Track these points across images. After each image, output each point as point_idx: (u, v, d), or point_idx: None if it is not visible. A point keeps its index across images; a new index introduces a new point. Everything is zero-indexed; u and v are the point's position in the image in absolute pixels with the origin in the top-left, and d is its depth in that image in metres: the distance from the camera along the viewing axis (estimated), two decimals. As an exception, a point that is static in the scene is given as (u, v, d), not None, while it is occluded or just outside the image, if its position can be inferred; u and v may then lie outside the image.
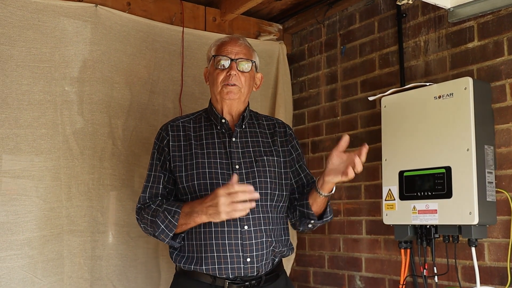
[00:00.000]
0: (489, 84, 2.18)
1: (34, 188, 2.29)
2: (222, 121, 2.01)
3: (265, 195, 1.94)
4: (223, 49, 2.00)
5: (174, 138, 2.01)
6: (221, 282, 1.90)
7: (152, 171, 2.01)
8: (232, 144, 1.99)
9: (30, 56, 2.33)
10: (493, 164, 2.12)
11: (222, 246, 1.87)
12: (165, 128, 2.05)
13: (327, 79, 3.01)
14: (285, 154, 2.08)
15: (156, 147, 2.04)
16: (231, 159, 1.96)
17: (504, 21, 2.17)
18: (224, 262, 1.87)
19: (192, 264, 1.91)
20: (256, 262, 1.89)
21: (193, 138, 2.01)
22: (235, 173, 1.85)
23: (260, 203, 1.91)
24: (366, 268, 2.67)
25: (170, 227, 1.85)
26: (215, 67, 2.00)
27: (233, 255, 1.87)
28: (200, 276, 1.92)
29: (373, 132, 2.66)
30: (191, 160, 1.96)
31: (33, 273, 2.24)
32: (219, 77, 1.98)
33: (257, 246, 1.89)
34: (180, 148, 1.99)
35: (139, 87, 2.65)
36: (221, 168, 1.94)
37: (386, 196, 2.33)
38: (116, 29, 2.58)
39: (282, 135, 2.11)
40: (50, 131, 2.35)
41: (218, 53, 2.01)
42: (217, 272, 1.88)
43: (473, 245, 2.08)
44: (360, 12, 2.84)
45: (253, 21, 3.13)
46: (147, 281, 2.58)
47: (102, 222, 2.47)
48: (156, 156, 2.02)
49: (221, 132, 2.01)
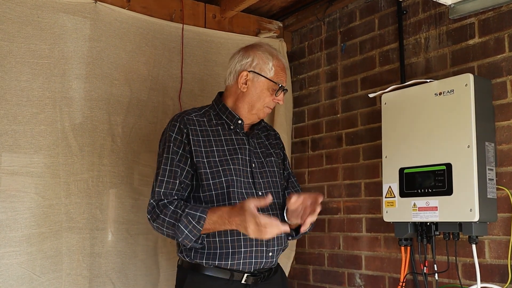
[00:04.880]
0: (490, 80, 2.17)
1: (33, 185, 2.28)
2: (239, 122, 2.04)
3: (275, 194, 2.05)
4: (281, 75, 2.04)
5: (193, 132, 1.96)
6: (239, 276, 1.93)
7: (167, 165, 1.92)
8: (250, 142, 2.06)
9: (29, 52, 2.32)
10: (493, 161, 2.11)
11: (249, 241, 1.92)
12: (181, 121, 1.97)
13: (327, 77, 3.00)
14: (278, 155, 2.19)
15: (172, 140, 1.95)
16: (249, 157, 2.02)
17: (505, 17, 2.16)
18: (250, 257, 1.92)
19: (216, 260, 1.90)
20: (275, 256, 2.00)
21: (211, 134, 1.99)
22: (260, 186, 1.98)
23: (275, 201, 2.01)
24: (366, 266, 2.66)
25: (195, 232, 1.83)
26: (268, 89, 2.02)
27: (258, 249, 1.93)
28: (218, 272, 1.91)
29: (373, 130, 2.65)
30: (213, 156, 1.95)
31: (32, 270, 2.23)
32: (267, 99, 2.03)
33: (278, 241, 1.99)
34: (200, 144, 1.95)
35: (138, 84, 2.64)
36: (242, 165, 1.99)
37: (386, 193, 2.32)
38: (115, 25, 2.57)
39: (273, 138, 2.23)
40: (49, 128, 2.34)
41: (277, 78, 2.03)
42: (241, 266, 1.92)
43: (474, 242, 2.07)
44: (360, 9, 2.83)
45: (253, 19, 3.12)
46: (146, 279, 2.57)
47: (101, 219, 2.46)
48: (172, 149, 1.94)
49: (235, 131, 2.04)
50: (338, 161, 2.87)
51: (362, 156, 2.74)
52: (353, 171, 2.78)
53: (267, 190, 2.01)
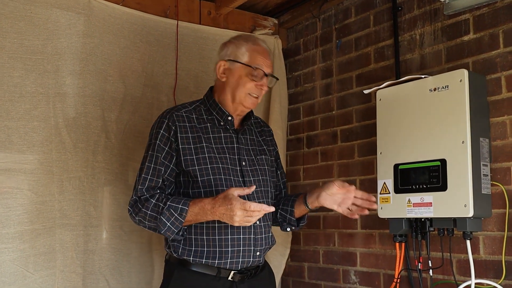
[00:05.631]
0: (484, 76, 2.17)
1: (26, 181, 2.26)
2: (228, 118, 2.01)
3: (266, 192, 2.03)
4: (259, 59, 1.99)
5: (181, 129, 1.93)
6: (226, 273, 1.92)
7: (152, 162, 1.91)
8: (239, 140, 2.03)
9: (22, 48, 2.30)
10: (488, 156, 2.10)
11: (237, 241, 1.91)
12: (170, 118, 1.95)
13: (323, 74, 3.00)
14: (271, 153, 2.18)
15: (159, 137, 1.93)
16: (239, 155, 2.00)
17: (500, 13, 2.16)
18: (237, 256, 1.91)
19: (204, 258, 1.90)
20: (263, 254, 1.99)
21: (200, 130, 1.97)
22: (251, 184, 1.94)
23: (266, 200, 2.01)
24: (361, 262, 2.66)
25: (177, 224, 1.83)
26: (246, 74, 1.97)
27: (246, 249, 1.93)
28: (205, 268, 1.91)
29: (369, 126, 2.65)
30: (202, 153, 1.92)
31: (25, 267, 2.22)
32: (248, 85, 1.97)
33: (266, 240, 1.99)
34: (189, 140, 1.93)
35: (132, 80, 2.63)
36: (231, 163, 1.97)
37: (381, 189, 2.32)
38: (109, 21, 2.56)
39: (267, 134, 2.21)
40: (42, 124, 2.33)
41: (253, 62, 1.98)
42: (228, 265, 1.91)
43: (468, 238, 2.07)
44: (356, 6, 2.82)
45: (248, 15, 3.11)
46: (140, 276, 2.56)
47: (95, 216, 2.45)
48: (158, 146, 1.92)
49: (225, 128, 2.02)
50: (333, 158, 2.87)
51: (357, 153, 2.73)
52: (348, 168, 2.78)
53: (257, 189, 1.98)
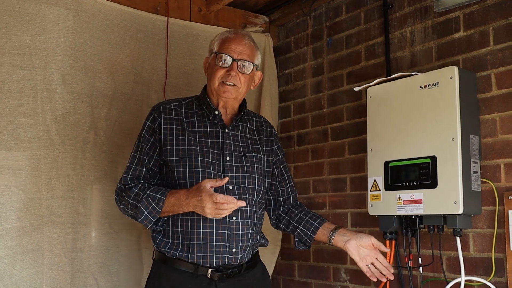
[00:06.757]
0: (474, 74, 2.18)
1: (13, 178, 2.23)
2: (215, 112, 2.00)
3: (252, 190, 1.99)
4: (227, 46, 1.97)
5: (166, 121, 1.97)
6: (204, 271, 1.90)
7: (137, 152, 1.98)
8: (225, 135, 2.00)
9: (10, 43, 2.27)
10: (478, 153, 2.11)
11: (209, 235, 1.88)
12: (157, 110, 2.00)
13: (313, 71, 2.99)
14: (269, 153, 2.14)
15: (145, 128, 1.99)
16: (223, 150, 1.97)
17: (490, 11, 2.17)
18: (210, 251, 1.88)
19: (178, 251, 1.90)
20: (240, 253, 1.93)
21: (186, 123, 1.98)
22: (227, 176, 1.91)
23: (248, 197, 1.96)
24: (351, 260, 2.65)
25: (154, 213, 1.86)
26: (216, 63, 1.97)
27: (220, 244, 1.89)
28: (182, 265, 1.91)
29: (359, 124, 2.65)
30: (183, 145, 1.94)
31: (12, 265, 2.19)
32: (218, 73, 1.96)
33: (243, 238, 1.93)
34: (172, 132, 1.96)
35: (122, 77, 2.61)
36: (213, 158, 1.95)
37: (371, 187, 2.31)
38: (99, 17, 2.53)
39: (267, 135, 2.17)
40: (30, 120, 2.30)
41: (221, 49, 1.97)
42: (202, 260, 1.89)
43: (458, 235, 2.07)
44: (346, 3, 2.82)
45: (239, 13, 3.10)
46: (129, 273, 2.54)
47: (83, 214, 2.42)
48: (144, 137, 1.98)
49: (213, 122, 2.01)
50: (324, 156, 2.86)
51: (347, 151, 2.73)
52: (338, 166, 2.77)
53: (240, 185, 1.95)
